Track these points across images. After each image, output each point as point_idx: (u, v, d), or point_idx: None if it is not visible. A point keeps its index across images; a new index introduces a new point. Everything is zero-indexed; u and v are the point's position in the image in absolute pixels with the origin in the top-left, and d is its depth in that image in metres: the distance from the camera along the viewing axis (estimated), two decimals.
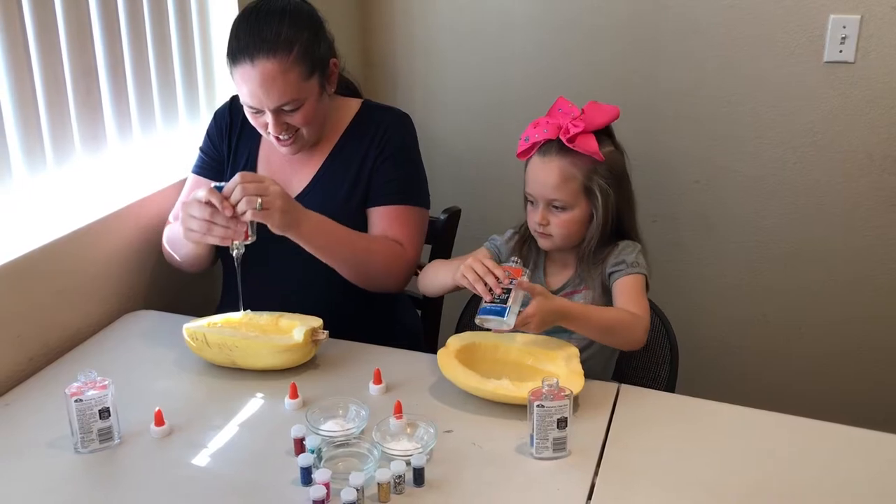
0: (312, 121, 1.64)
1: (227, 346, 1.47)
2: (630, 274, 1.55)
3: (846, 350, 2.44)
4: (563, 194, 1.55)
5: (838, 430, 1.36)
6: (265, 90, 1.55)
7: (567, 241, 1.60)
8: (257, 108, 1.59)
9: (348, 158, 1.72)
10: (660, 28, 2.34)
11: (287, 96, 1.57)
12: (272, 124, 1.60)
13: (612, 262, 1.58)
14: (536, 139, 1.57)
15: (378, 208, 1.71)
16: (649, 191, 1.77)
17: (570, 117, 1.56)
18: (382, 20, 2.60)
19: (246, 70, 1.55)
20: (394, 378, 1.47)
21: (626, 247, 1.59)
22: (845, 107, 2.25)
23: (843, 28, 2.18)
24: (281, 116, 1.60)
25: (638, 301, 1.52)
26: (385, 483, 1.16)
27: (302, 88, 1.58)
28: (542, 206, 1.58)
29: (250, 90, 1.57)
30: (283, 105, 1.58)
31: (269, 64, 1.54)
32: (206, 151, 1.80)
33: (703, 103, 2.37)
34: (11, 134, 1.52)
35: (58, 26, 1.58)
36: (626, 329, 1.48)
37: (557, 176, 1.55)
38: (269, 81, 1.55)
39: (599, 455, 1.28)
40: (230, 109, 1.80)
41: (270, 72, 1.54)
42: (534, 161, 1.59)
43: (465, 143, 2.61)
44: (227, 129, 1.79)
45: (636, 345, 1.51)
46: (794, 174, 2.35)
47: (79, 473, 1.24)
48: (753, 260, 2.46)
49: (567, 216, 1.57)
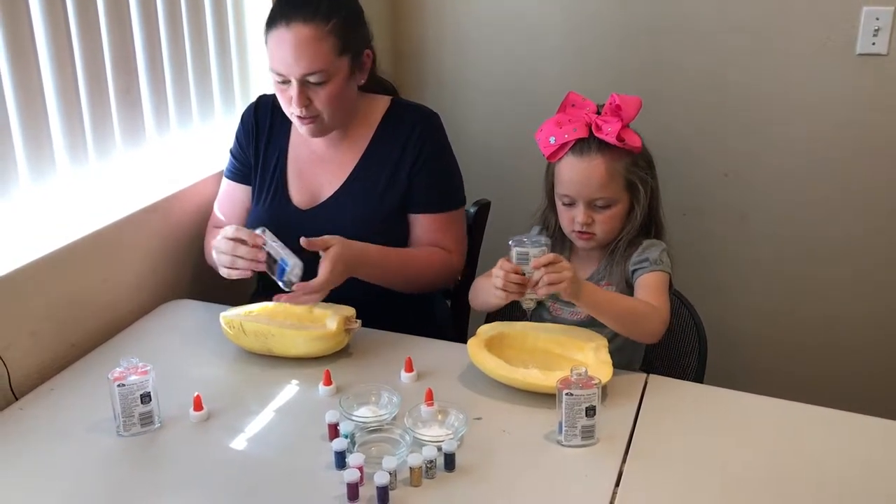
0: (335, 102, 1.62)
1: (262, 334, 1.51)
2: (653, 271, 1.55)
3: (878, 345, 2.42)
4: (609, 192, 1.55)
5: (867, 420, 1.36)
6: (295, 55, 1.55)
7: (609, 237, 1.59)
8: (285, 75, 1.58)
9: (383, 160, 1.72)
10: (690, 21, 2.34)
11: (316, 65, 1.56)
12: (296, 96, 1.58)
13: (635, 258, 1.57)
14: (566, 139, 1.54)
15: (421, 216, 1.74)
16: (679, 184, 1.78)
17: (591, 112, 1.54)
18: (413, 13, 2.62)
19: (280, 33, 1.56)
20: (424, 366, 1.50)
21: (651, 245, 1.59)
22: (878, 99, 2.24)
23: (876, 20, 2.17)
24: (305, 90, 1.58)
25: (658, 296, 1.52)
26: (417, 467, 1.19)
27: (332, 62, 1.57)
28: (584, 205, 1.56)
29: (281, 55, 1.56)
30: (310, 75, 1.56)
31: (304, 28, 1.54)
32: (236, 156, 1.81)
33: (732, 96, 2.36)
34: (56, 129, 1.56)
35: (100, 25, 1.62)
36: (644, 319, 1.48)
37: (604, 174, 1.53)
38: (302, 46, 1.54)
39: (627, 443, 1.30)
40: (255, 112, 1.80)
41: (305, 36, 1.54)
42: (570, 161, 1.56)
43: (495, 134, 2.62)
44: (253, 133, 1.79)
45: (652, 337, 1.51)
46: (825, 167, 2.34)
47: (120, 456, 1.28)
48: (783, 253, 2.45)
49: (611, 212, 1.56)
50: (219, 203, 1.85)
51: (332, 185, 1.73)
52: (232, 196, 1.83)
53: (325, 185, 1.74)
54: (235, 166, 1.82)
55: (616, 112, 1.52)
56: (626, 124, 1.53)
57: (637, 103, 1.54)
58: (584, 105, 1.57)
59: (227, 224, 1.67)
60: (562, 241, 1.67)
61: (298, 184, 1.75)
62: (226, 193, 1.83)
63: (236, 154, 1.82)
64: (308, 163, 1.76)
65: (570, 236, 1.62)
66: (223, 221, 1.81)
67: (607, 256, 1.62)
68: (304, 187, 1.75)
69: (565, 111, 1.58)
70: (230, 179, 1.82)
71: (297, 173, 1.76)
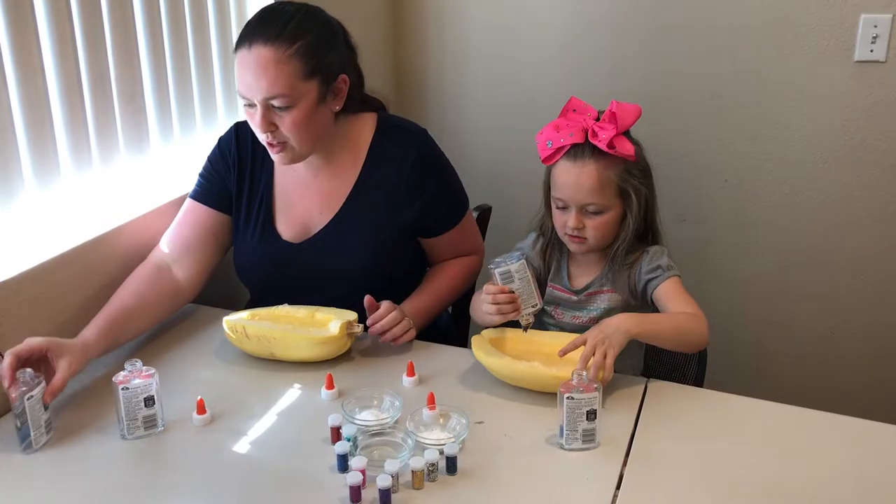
0: (302, 129, 1.54)
1: (265, 338, 1.52)
2: (669, 278, 1.56)
3: (878, 351, 2.43)
4: (600, 198, 1.55)
5: (867, 425, 1.36)
6: (255, 77, 1.49)
7: (601, 242, 1.60)
8: (248, 98, 1.52)
9: (380, 183, 1.67)
10: (689, 27, 2.36)
11: (277, 89, 1.49)
12: (258, 120, 1.52)
13: (646, 268, 1.58)
14: (562, 143, 1.55)
15: (439, 237, 1.75)
16: (678, 190, 1.78)
17: (591, 118, 1.56)
18: (414, 24, 2.64)
19: (243, 55, 1.50)
20: (426, 370, 1.51)
21: (657, 252, 1.60)
22: (876, 106, 2.25)
23: (874, 27, 2.18)
24: (270, 114, 1.52)
25: (689, 301, 1.53)
26: (419, 470, 1.20)
27: (296, 87, 1.50)
28: (576, 210, 1.57)
29: (242, 77, 1.51)
30: (272, 98, 1.50)
31: (264, 50, 1.48)
32: (210, 179, 1.72)
33: (731, 102, 2.38)
34: (61, 136, 1.58)
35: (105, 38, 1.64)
36: (692, 332, 1.49)
37: (595, 180, 1.54)
38: (262, 68, 1.48)
39: (628, 447, 1.31)
40: (236, 140, 1.72)
41: (265, 59, 1.48)
42: (564, 166, 1.57)
43: (495, 140, 2.64)
44: (234, 162, 1.71)
45: (702, 345, 1.53)
46: (825, 174, 2.35)
47: (125, 459, 1.29)
48: (783, 259, 2.46)
49: (602, 219, 1.57)
50: (177, 227, 1.70)
51: (325, 216, 1.68)
52: (198, 219, 1.70)
53: (315, 216, 1.69)
54: (207, 189, 1.72)
55: (612, 119, 1.53)
56: (622, 132, 1.53)
57: (635, 111, 1.55)
58: (585, 111, 1.58)
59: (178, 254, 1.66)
60: (559, 247, 1.68)
61: (287, 216, 1.70)
62: (191, 216, 1.71)
63: (210, 178, 1.72)
64: (296, 194, 1.70)
65: (564, 239, 1.63)
66: (176, 249, 1.68)
67: (608, 263, 1.63)
68: (294, 220, 1.70)
69: (566, 116, 1.59)
70: (199, 202, 1.71)
71: (286, 206, 1.70)
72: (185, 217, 1.72)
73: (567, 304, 1.65)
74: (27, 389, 1.28)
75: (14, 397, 1.27)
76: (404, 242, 1.72)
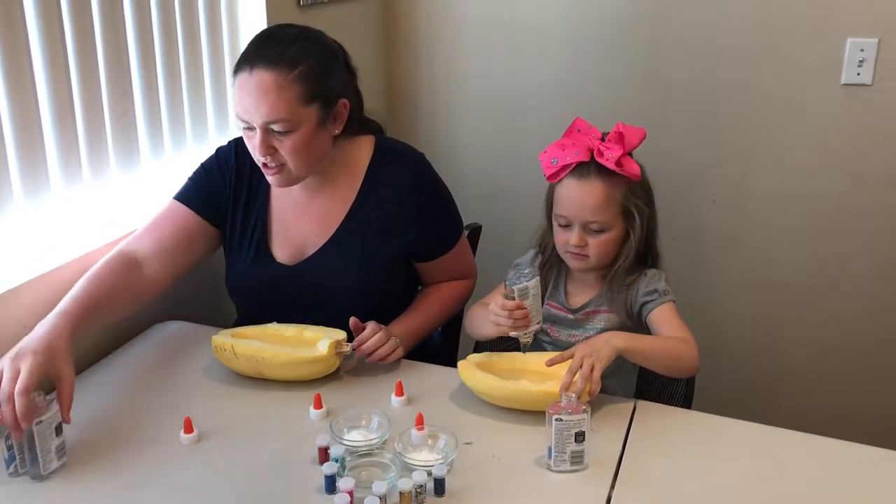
0: (302, 153, 1.53)
1: (254, 357, 1.51)
2: (665, 303, 1.57)
3: (866, 372, 2.44)
4: (604, 216, 1.57)
5: (855, 448, 1.37)
6: (255, 101, 1.48)
7: (603, 261, 1.61)
8: (248, 122, 1.51)
9: (377, 206, 1.67)
10: (678, 48, 2.38)
11: (277, 113, 1.48)
12: (258, 143, 1.51)
13: (643, 290, 1.59)
14: (567, 161, 1.57)
15: (434, 261, 1.75)
16: (668, 209, 1.80)
17: (596, 138, 1.57)
18: (405, 45, 2.66)
19: (243, 79, 1.49)
20: (415, 390, 1.51)
21: (655, 275, 1.61)
22: (863, 129, 2.27)
23: (860, 51, 2.21)
24: (269, 138, 1.51)
25: (682, 327, 1.55)
26: (407, 492, 1.19)
27: (296, 112, 1.50)
28: (579, 227, 1.58)
29: (242, 101, 1.50)
30: (272, 123, 1.49)
31: (265, 75, 1.48)
32: (202, 186, 1.70)
33: (720, 123, 2.40)
34: (51, 152, 1.58)
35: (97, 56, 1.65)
36: (682, 356, 1.50)
37: (600, 198, 1.55)
38: (262, 93, 1.48)
39: (616, 468, 1.31)
40: (236, 157, 1.70)
41: (265, 83, 1.47)
42: (569, 184, 1.58)
43: (486, 160, 2.66)
44: (231, 178, 1.70)
45: (693, 371, 1.53)
46: (813, 195, 2.37)
47: (116, 476, 1.28)
48: (771, 279, 2.48)
49: (605, 237, 1.58)
50: (156, 226, 1.65)
51: (320, 238, 1.67)
52: (179, 222, 1.66)
53: (310, 238, 1.68)
54: (195, 193, 1.69)
55: (619, 139, 1.55)
56: (628, 152, 1.55)
57: (641, 133, 1.57)
58: (590, 131, 1.60)
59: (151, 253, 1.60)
60: (558, 265, 1.68)
61: (282, 238, 1.69)
62: (173, 217, 1.66)
63: (200, 183, 1.70)
64: (292, 216, 1.69)
65: (564, 257, 1.64)
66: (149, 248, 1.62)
67: (607, 283, 1.63)
68: (289, 242, 1.69)
69: (571, 136, 1.61)
70: (184, 204, 1.67)
71: (281, 228, 1.69)
72: (165, 217, 1.66)
73: (564, 323, 1.66)
74: (39, 414, 1.24)
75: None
76: (399, 265, 1.72)
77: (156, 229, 1.65)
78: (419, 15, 2.63)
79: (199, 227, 1.68)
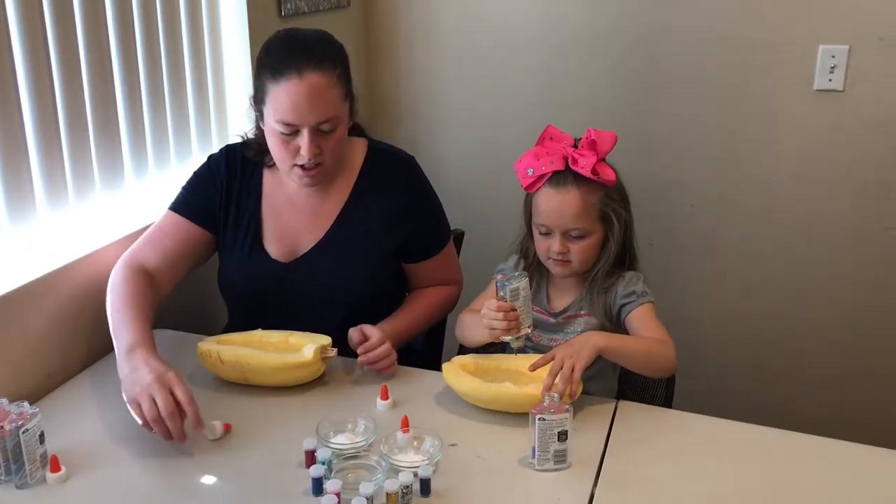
0: (339, 148, 1.62)
1: (239, 363, 1.52)
2: (643, 304, 1.60)
3: (844, 372, 2.48)
4: (583, 223, 1.59)
5: (836, 445, 1.40)
6: (310, 104, 1.52)
7: (584, 266, 1.63)
8: (297, 125, 1.54)
9: (369, 205, 1.71)
10: (655, 56, 2.42)
11: (329, 112, 1.55)
12: (307, 145, 1.54)
13: (621, 293, 1.61)
14: (543, 171, 1.58)
15: (422, 263, 1.78)
16: (646, 215, 1.83)
17: (569, 145, 1.59)
18: (387, 54, 2.68)
19: (293, 83, 1.51)
20: (400, 394, 1.53)
21: (633, 277, 1.63)
22: (836, 134, 2.32)
23: (832, 58, 2.26)
24: (316, 138, 1.56)
25: (659, 328, 1.57)
26: (393, 493, 1.21)
27: (340, 108, 1.58)
28: (560, 235, 1.60)
29: (294, 103, 1.52)
30: (323, 123, 1.55)
31: (316, 76, 1.52)
32: (196, 194, 1.72)
33: (697, 129, 2.44)
34: (36, 173, 1.59)
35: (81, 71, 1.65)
36: (659, 356, 1.53)
37: (578, 206, 1.58)
38: (316, 94, 1.52)
39: (598, 467, 1.33)
40: (227, 163, 1.73)
41: (318, 84, 1.52)
42: (547, 192, 1.60)
43: (466, 166, 2.69)
44: (223, 184, 1.72)
45: (670, 371, 1.56)
46: (788, 199, 2.41)
47: (101, 484, 1.29)
48: (748, 282, 2.51)
49: (585, 243, 1.61)
50: (159, 239, 1.67)
51: (314, 235, 1.71)
52: (181, 234, 1.69)
53: (304, 235, 1.71)
54: (191, 203, 1.71)
55: (592, 146, 1.57)
56: (602, 158, 1.57)
57: (612, 138, 1.58)
58: (562, 138, 1.61)
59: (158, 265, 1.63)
60: (539, 269, 1.71)
61: (276, 235, 1.71)
62: (174, 230, 1.69)
63: (194, 191, 1.73)
64: (286, 213, 1.72)
65: (547, 264, 1.66)
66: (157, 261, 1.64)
67: (587, 287, 1.66)
68: (283, 239, 1.71)
69: (543, 144, 1.62)
70: (182, 216, 1.70)
71: (275, 225, 1.71)
72: (166, 229, 1.69)
73: (545, 327, 1.68)
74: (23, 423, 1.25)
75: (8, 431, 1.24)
76: (389, 265, 1.75)
77: (158, 241, 1.68)
78: (399, 24, 2.65)
79: (198, 236, 1.72)
